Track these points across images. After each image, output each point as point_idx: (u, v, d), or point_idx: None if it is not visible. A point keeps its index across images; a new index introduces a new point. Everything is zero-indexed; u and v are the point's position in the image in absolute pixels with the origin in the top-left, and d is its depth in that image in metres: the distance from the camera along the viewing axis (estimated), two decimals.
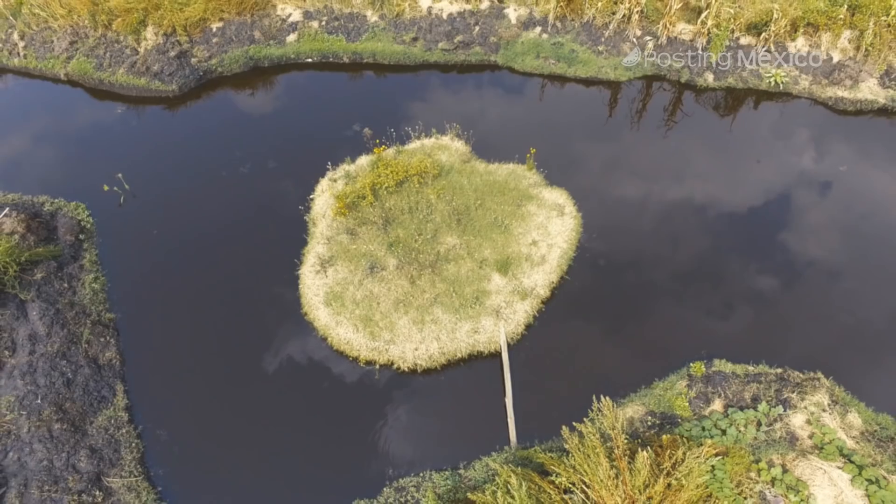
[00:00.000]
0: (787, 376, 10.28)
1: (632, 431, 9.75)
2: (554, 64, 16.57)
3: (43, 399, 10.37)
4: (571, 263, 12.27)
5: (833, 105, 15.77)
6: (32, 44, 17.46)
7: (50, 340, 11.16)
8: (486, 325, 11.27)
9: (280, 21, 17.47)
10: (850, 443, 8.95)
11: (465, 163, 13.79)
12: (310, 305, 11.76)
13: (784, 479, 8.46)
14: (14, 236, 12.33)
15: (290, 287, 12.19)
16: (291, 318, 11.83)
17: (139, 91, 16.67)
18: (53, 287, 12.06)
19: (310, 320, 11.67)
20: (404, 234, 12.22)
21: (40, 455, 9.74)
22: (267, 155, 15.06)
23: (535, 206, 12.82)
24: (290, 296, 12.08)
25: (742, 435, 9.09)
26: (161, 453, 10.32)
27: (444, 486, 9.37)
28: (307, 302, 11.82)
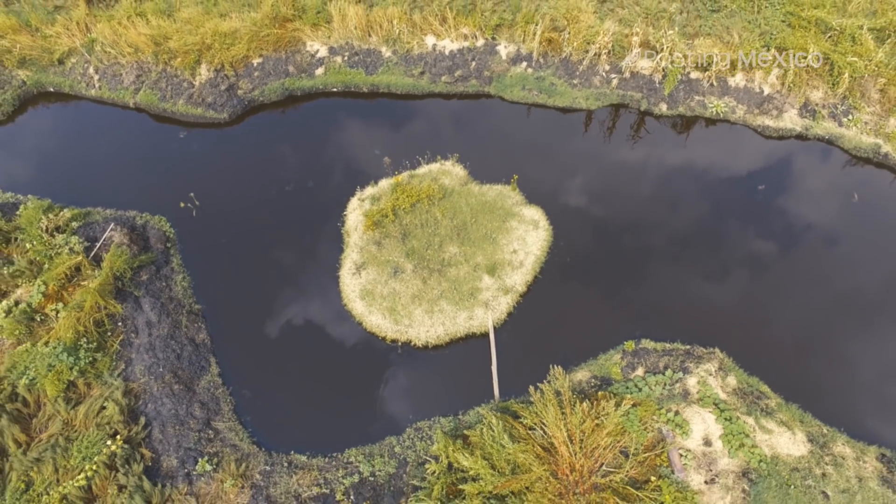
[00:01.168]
0: (693, 351, 14.46)
1: (580, 389, 13.97)
2: (537, 95, 20.21)
3: (163, 368, 14.61)
4: (543, 266, 16.30)
5: (761, 131, 19.48)
6: (105, 77, 21.04)
7: (160, 326, 15.33)
8: (478, 314, 15.39)
9: (310, 56, 20.99)
10: (723, 396, 13.16)
11: (463, 185, 17.66)
12: (348, 299, 15.87)
13: (675, 419, 12.72)
14: (123, 247, 16.34)
15: (333, 285, 16.26)
16: (334, 308, 15.95)
17: (196, 118, 20.35)
18: (155, 285, 16.15)
19: (348, 310, 15.78)
20: (417, 245, 16.22)
21: (168, 406, 14.03)
22: (306, 175, 18.90)
23: (516, 222, 16.77)
24: (333, 291, 16.17)
25: (652, 392, 13.29)
26: (247, 405, 14.61)
27: (448, 426, 13.65)
28: (346, 296, 15.92)
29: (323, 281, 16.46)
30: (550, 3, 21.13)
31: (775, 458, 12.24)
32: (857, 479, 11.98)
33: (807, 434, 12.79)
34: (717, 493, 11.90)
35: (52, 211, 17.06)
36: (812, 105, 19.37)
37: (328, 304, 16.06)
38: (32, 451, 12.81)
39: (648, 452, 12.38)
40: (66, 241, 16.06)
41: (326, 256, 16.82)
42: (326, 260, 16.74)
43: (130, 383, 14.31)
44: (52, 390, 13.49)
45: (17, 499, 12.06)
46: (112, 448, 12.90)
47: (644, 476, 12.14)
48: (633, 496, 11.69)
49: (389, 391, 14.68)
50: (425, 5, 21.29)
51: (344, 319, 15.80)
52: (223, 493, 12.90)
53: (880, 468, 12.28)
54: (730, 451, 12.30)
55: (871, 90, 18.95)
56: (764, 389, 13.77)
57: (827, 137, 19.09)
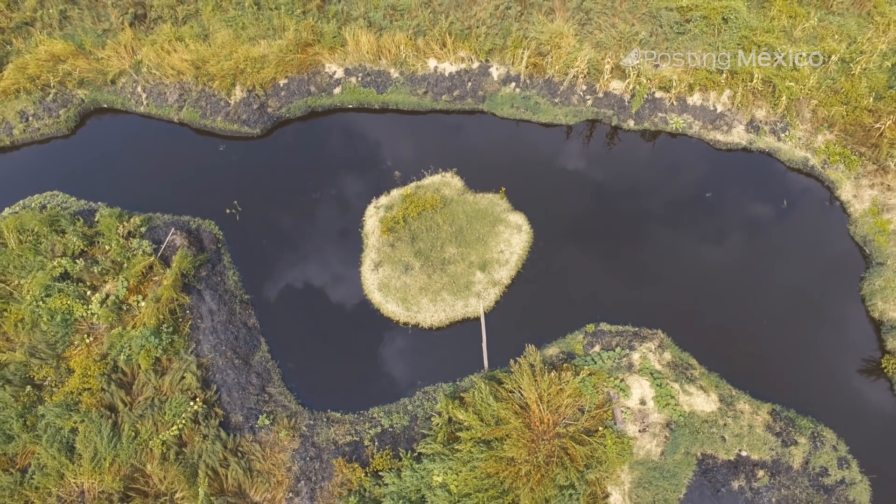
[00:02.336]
0: (640, 332, 18.47)
1: (550, 362, 18.04)
2: (523, 112, 23.66)
3: (225, 346, 18.68)
4: (524, 263, 20.17)
5: (713, 144, 23.01)
6: (151, 95, 24.44)
7: (219, 313, 19.34)
8: (471, 302, 19.37)
9: (328, 77, 24.34)
10: (658, 367, 17.23)
11: (460, 195, 21.36)
12: (368, 290, 19.82)
13: (620, 385, 16.82)
14: (184, 249, 20.18)
15: (356, 279, 20.19)
16: (357, 298, 19.90)
17: (232, 133, 23.87)
18: (212, 280, 20.09)
19: (369, 299, 19.75)
20: (423, 246, 20.06)
21: (232, 376, 18.17)
22: (329, 183, 22.57)
23: (503, 227, 20.57)
24: (356, 284, 20.11)
25: (604, 364, 17.36)
26: (292, 375, 18.75)
27: (448, 390, 17.78)
28: (367, 288, 19.87)
29: (347, 275, 20.39)
30: (537, 27, 24.31)
31: (692, 413, 16.39)
32: (749, 426, 16.16)
33: (719, 395, 16.92)
34: (646, 439, 16.10)
35: (123, 218, 20.84)
36: (756, 122, 22.84)
37: (352, 294, 20.02)
38: (136, 409, 17.01)
39: (598, 409, 16.53)
40: (139, 244, 19.90)
41: (349, 255, 20.69)
42: (350, 258, 20.62)
43: (201, 359, 18.42)
44: (144, 364, 17.60)
45: (130, 443, 16.29)
46: (194, 407, 17.08)
47: (594, 427, 16.32)
48: (586, 441, 15.89)
49: (402, 363, 18.81)
50: (427, 30, 24.48)
51: (365, 306, 19.79)
52: (279, 441, 17.15)
53: (768, 419, 16.45)
54: (659, 409, 16.44)
55: (805, 110, 22.40)
56: (692, 362, 17.83)
57: (767, 150, 22.63)
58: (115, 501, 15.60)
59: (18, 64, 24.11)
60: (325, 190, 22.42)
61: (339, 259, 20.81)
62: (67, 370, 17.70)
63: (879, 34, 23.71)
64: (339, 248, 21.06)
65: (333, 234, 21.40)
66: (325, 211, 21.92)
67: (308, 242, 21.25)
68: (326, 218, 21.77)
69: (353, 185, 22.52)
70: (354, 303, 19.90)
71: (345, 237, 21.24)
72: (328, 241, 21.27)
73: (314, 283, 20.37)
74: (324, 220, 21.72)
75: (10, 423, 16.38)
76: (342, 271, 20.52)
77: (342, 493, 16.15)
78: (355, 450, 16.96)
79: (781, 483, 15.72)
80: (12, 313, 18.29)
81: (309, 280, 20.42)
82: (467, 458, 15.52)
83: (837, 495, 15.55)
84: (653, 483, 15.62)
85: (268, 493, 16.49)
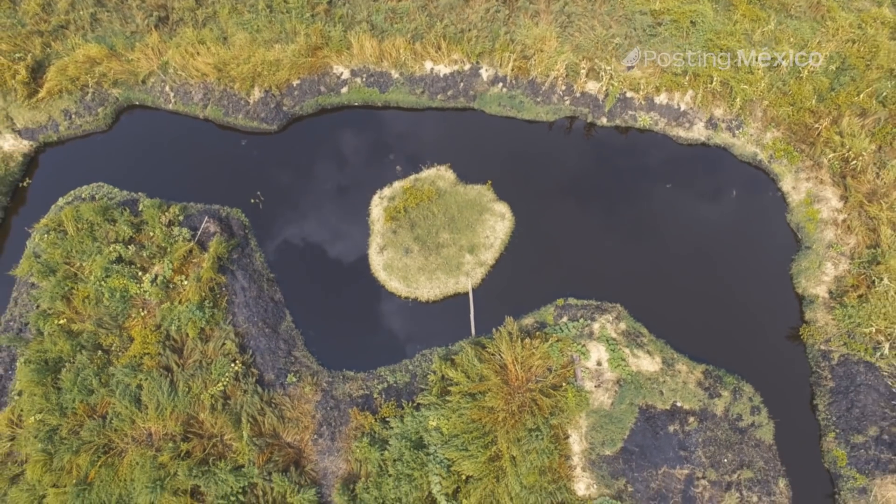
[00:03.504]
0: (601, 306, 22.16)
1: (526, 330, 21.80)
2: (509, 110, 26.70)
3: (256, 318, 22.45)
4: (506, 247, 23.70)
5: (675, 140, 26.12)
6: (178, 94, 27.43)
7: (250, 290, 23.03)
8: (461, 280, 23.02)
9: (336, 78, 27.26)
10: (614, 335, 21.01)
11: (453, 187, 24.71)
12: (375, 270, 23.45)
13: (581, 349, 20.64)
14: (218, 235, 23.70)
15: (363, 260, 23.78)
16: (365, 276, 23.54)
17: (252, 129, 26.99)
18: (243, 262, 23.69)
19: (375, 278, 23.40)
20: (421, 232, 23.56)
21: (263, 342, 22.02)
22: (338, 176, 25.88)
23: (489, 215, 24.01)
24: (364, 265, 23.71)
25: (570, 332, 21.11)
26: (313, 341, 22.60)
27: (441, 353, 21.62)
28: (373, 268, 23.49)
29: (356, 257, 23.98)
30: (523, 31, 27.05)
31: (638, 372, 20.26)
32: (684, 383, 20.06)
33: (662, 358, 20.76)
34: (600, 393, 20.03)
35: (163, 207, 24.26)
36: (715, 119, 25.89)
37: (361, 274, 23.66)
38: (187, 370, 20.93)
39: (563, 369, 20.40)
40: (179, 231, 23.41)
41: (358, 240, 24.23)
42: (358, 242, 24.17)
43: (237, 328, 22.22)
44: (192, 332, 21.42)
45: (185, 396, 20.27)
46: (235, 368, 20.99)
47: (559, 383, 20.22)
48: (551, 394, 19.81)
49: (405, 330, 22.64)
50: (424, 33, 27.22)
51: (372, 283, 23.46)
52: (304, 395, 21.14)
53: (700, 377, 20.34)
54: (611, 369, 20.31)
55: (757, 110, 25.42)
56: (643, 331, 21.59)
57: (723, 145, 25.78)
58: (178, 441, 19.71)
59: (59, 66, 26.99)
60: (334, 180, 25.74)
61: (349, 243, 24.35)
62: (129, 338, 21.53)
63: (829, 37, 26.44)
64: (349, 234, 24.58)
65: (344, 220, 24.87)
66: (336, 199, 25.32)
67: (321, 228, 24.76)
68: (337, 206, 25.19)
69: (360, 176, 25.82)
70: (363, 280, 23.55)
71: (354, 224, 24.71)
72: (339, 227, 24.77)
73: (329, 263, 23.99)
74: (335, 208, 25.15)
75: (90, 380, 20.32)
76: (352, 253, 24.10)
77: (357, 434, 20.24)
78: (366, 401, 20.97)
79: (707, 427, 19.73)
80: (80, 291, 22.00)
81: (324, 261, 24.03)
82: (456, 407, 19.49)
83: (749, 435, 19.59)
84: (604, 427, 19.63)
85: (297, 435, 20.59)
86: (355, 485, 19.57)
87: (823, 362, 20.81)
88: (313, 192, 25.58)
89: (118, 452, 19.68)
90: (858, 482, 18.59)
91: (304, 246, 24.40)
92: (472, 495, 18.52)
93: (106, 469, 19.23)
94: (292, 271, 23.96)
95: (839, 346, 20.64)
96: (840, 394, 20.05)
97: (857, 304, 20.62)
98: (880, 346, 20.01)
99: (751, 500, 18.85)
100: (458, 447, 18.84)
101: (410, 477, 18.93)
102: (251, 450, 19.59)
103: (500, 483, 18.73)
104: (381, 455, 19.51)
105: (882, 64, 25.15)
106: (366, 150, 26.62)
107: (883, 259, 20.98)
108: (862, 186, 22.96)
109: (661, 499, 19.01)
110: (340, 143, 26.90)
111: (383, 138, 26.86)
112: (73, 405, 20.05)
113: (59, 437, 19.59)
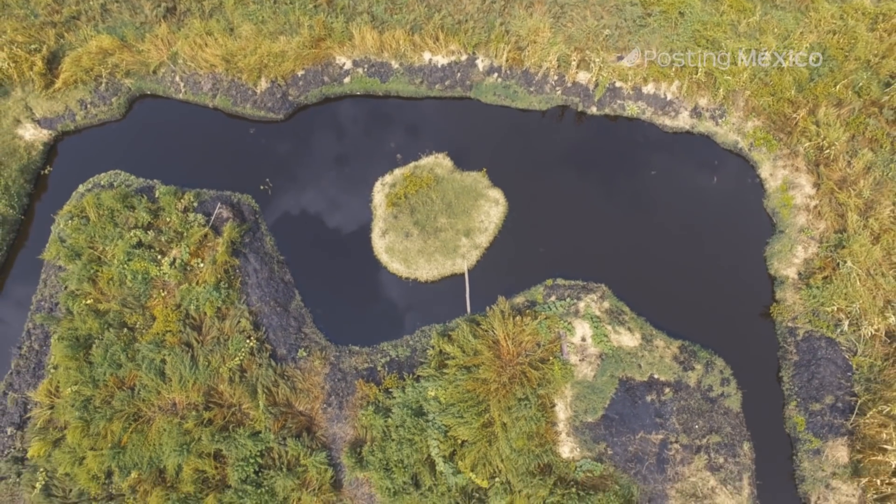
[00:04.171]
0: (587, 286, 23.94)
1: (517, 308, 23.62)
2: (504, 99, 28.01)
3: (268, 297, 24.26)
4: (500, 230, 25.36)
5: (661, 128, 27.49)
6: (188, 84, 28.72)
7: (262, 271, 24.80)
8: (458, 262, 24.75)
9: (339, 68, 28.50)
10: (598, 313, 22.83)
11: (450, 174, 26.23)
12: (378, 252, 25.17)
13: (567, 326, 22.49)
14: (231, 220, 25.34)
15: (367, 243, 25.47)
16: (368, 258, 25.25)
17: (259, 118, 28.36)
18: (254, 245, 25.40)
19: (378, 260, 25.12)
20: (420, 217, 25.19)
21: (276, 320, 23.87)
22: (342, 163, 27.37)
23: (483, 201, 25.60)
24: (367, 248, 25.41)
25: (557, 310, 22.93)
26: (322, 318, 24.48)
27: (439, 329, 23.49)
28: (376, 251, 25.21)
29: (360, 240, 25.67)
30: (517, 22, 28.16)
31: (619, 347, 22.14)
32: (661, 357, 21.98)
33: (642, 335, 22.62)
34: (584, 366, 21.96)
35: (178, 194, 25.84)
36: (699, 109, 27.21)
37: (365, 256, 25.38)
38: (206, 346, 22.85)
39: (550, 344, 22.28)
40: (194, 217, 25.05)
41: (361, 224, 25.89)
42: (362, 226, 25.83)
43: (251, 307, 24.06)
44: (209, 312, 23.27)
45: (205, 370, 22.23)
46: (250, 344, 22.90)
47: (546, 357, 22.12)
48: (539, 367, 21.73)
49: (406, 309, 24.49)
50: (423, 25, 28.34)
51: (375, 265, 25.21)
52: (314, 368, 23.11)
53: (676, 352, 22.25)
54: (595, 344, 22.19)
55: (740, 100, 26.73)
56: (625, 309, 23.41)
57: (706, 133, 27.16)
58: (201, 410, 21.75)
59: (73, 57, 28.21)
60: (339, 167, 27.26)
61: (353, 227, 26.01)
62: (151, 317, 23.39)
63: (812, 28, 27.55)
64: (353, 218, 26.20)
65: (348, 206, 26.48)
66: (340, 185, 26.89)
67: (328, 213, 26.38)
68: (342, 191, 26.76)
69: (363, 163, 27.32)
70: (367, 262, 25.29)
71: (357, 209, 26.32)
72: (344, 211, 26.39)
73: (334, 246, 25.69)
74: (340, 193, 26.73)
75: (118, 355, 22.26)
76: (356, 237, 25.77)
77: (362, 403, 22.27)
78: (371, 373, 22.95)
79: (681, 397, 21.71)
80: (104, 273, 23.77)
81: (330, 244, 25.73)
82: (453, 378, 21.45)
83: (718, 403, 21.59)
84: (586, 396, 21.62)
85: (308, 404, 22.63)
86: (361, 448, 21.67)
87: (790, 338, 22.68)
88: (319, 179, 27.11)
89: (147, 420, 21.74)
90: (814, 444, 20.66)
91: (311, 230, 26.06)
92: (467, 457, 20.61)
93: (136, 434, 21.31)
94: (300, 254, 25.69)
95: (804, 323, 22.48)
96: (803, 366, 21.98)
97: (822, 284, 22.37)
98: (840, 323, 21.83)
99: (717, 462, 20.95)
100: (454, 415, 20.84)
101: (411, 441, 21.00)
102: (267, 418, 21.63)
103: (492, 447, 20.80)
104: (384, 422, 21.56)
105: (860, 55, 26.35)
106: (368, 139, 28.04)
107: (847, 243, 22.65)
108: (834, 174, 24.47)
109: (637, 461, 21.11)
110: (344, 132, 28.31)
111: (384, 127, 28.24)
112: (104, 378, 22.03)
113: (94, 406, 21.63)
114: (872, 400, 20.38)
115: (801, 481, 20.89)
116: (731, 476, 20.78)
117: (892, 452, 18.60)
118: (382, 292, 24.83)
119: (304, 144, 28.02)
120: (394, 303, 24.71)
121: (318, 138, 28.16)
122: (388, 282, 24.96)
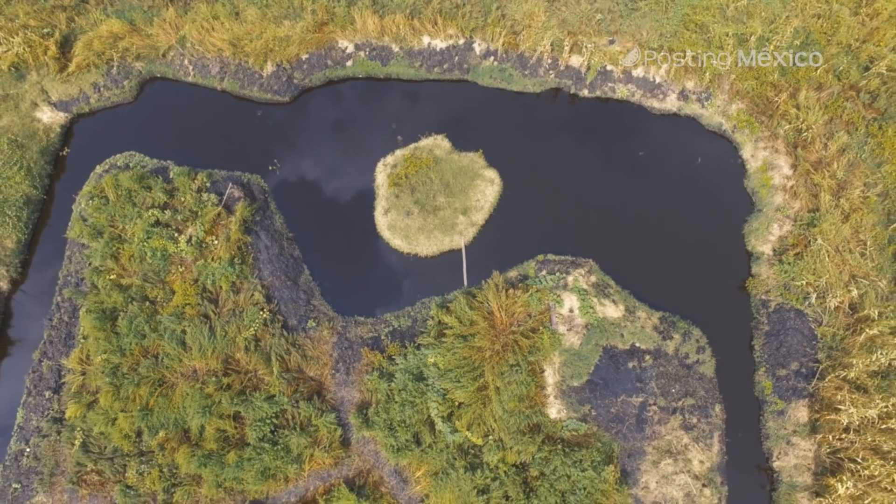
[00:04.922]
0: (576, 261, 25.67)
1: (510, 282, 25.41)
2: (500, 82, 29.20)
3: (279, 272, 26.06)
4: (495, 208, 26.95)
5: (650, 110, 28.76)
6: (196, 67, 29.86)
7: (272, 248, 26.49)
8: (455, 238, 26.43)
9: (341, 52, 29.61)
10: (585, 287, 24.61)
11: (448, 155, 27.67)
12: (381, 229, 26.83)
13: (556, 298, 24.30)
14: (242, 199, 26.90)
15: (370, 221, 27.11)
16: (371, 234, 26.92)
17: (266, 100, 29.61)
18: (265, 223, 27.03)
19: (381, 236, 26.80)
20: (420, 196, 26.76)
21: (286, 293, 25.68)
22: (346, 144, 28.76)
23: (480, 181, 27.12)
24: (370, 225, 27.05)
25: (547, 284, 24.69)
26: (329, 291, 26.31)
27: (438, 301, 25.33)
28: (379, 228, 26.87)
29: (364, 218, 27.29)
30: (513, 6, 29.14)
31: (604, 318, 24.01)
32: (642, 327, 23.87)
33: (625, 306, 24.47)
34: (571, 335, 23.87)
35: (192, 175, 27.32)
36: (686, 91, 28.44)
37: (368, 232, 27.05)
38: (223, 317, 24.73)
39: (541, 315, 24.14)
40: (207, 197, 26.61)
41: (364, 203, 27.47)
42: (365, 205, 27.42)
43: (263, 282, 25.84)
44: (225, 286, 25.07)
45: (222, 339, 24.16)
46: (263, 315, 24.77)
47: (537, 327, 24.00)
48: (530, 336, 23.63)
49: (408, 283, 26.30)
50: (422, 9, 29.32)
51: (378, 241, 26.91)
52: (323, 337, 25.04)
53: (657, 322, 24.13)
54: (581, 315, 24.05)
55: (725, 83, 27.94)
56: (610, 283, 25.19)
57: (692, 115, 28.46)
58: (220, 376, 23.77)
59: (85, 41, 29.30)
60: (342, 148, 28.68)
61: (357, 205, 27.59)
62: (171, 291, 25.20)
63: (797, 12, 28.54)
64: (357, 197, 27.76)
65: (352, 185, 28.00)
66: (345, 165, 28.36)
67: (333, 192, 27.93)
68: (346, 171, 28.25)
69: (366, 144, 28.71)
70: (370, 239, 26.98)
71: (361, 188, 27.86)
72: (348, 190, 27.93)
73: (340, 223, 27.33)
74: (344, 173, 28.23)
75: (142, 326, 24.16)
76: (360, 215, 27.39)
77: (367, 369, 24.28)
78: (375, 342, 24.90)
79: (660, 363, 23.69)
80: (126, 251, 25.49)
81: (335, 221, 27.37)
82: (450, 346, 23.39)
83: (694, 370, 23.60)
84: (573, 363, 23.60)
85: (318, 370, 24.65)
86: (367, 410, 23.77)
87: (762, 310, 24.54)
88: (324, 159, 28.57)
89: (171, 385, 23.78)
90: (778, 406, 22.74)
91: (318, 208, 27.66)
92: (464, 418, 22.71)
93: (162, 398, 23.38)
94: (308, 231, 27.35)
95: (776, 296, 24.30)
96: (773, 336, 23.89)
97: (794, 260, 24.10)
98: (809, 296, 23.65)
99: (691, 422, 23.06)
100: (451, 379, 22.85)
101: (413, 403, 23.07)
102: (280, 383, 23.66)
103: (486, 408, 22.87)
104: (388, 386, 23.60)
105: (841, 40, 27.44)
106: (370, 120, 29.34)
107: (819, 222, 24.27)
108: (810, 156, 25.91)
109: (618, 421, 23.22)
110: (347, 114, 29.59)
111: (385, 108, 29.52)
112: (130, 347, 23.99)
113: (122, 372, 23.64)
114: (832, 366, 22.35)
115: (766, 439, 23.05)
116: (703, 434, 22.92)
117: (844, 412, 20.64)
118: (385, 267, 26.59)
119: (309, 126, 29.36)
120: (396, 277, 26.50)
121: (322, 120, 29.47)
122: (390, 257, 26.69)
